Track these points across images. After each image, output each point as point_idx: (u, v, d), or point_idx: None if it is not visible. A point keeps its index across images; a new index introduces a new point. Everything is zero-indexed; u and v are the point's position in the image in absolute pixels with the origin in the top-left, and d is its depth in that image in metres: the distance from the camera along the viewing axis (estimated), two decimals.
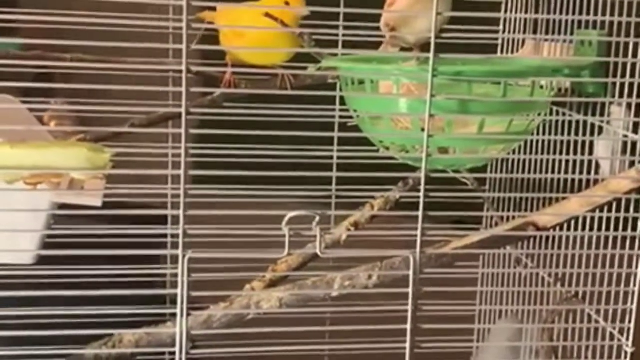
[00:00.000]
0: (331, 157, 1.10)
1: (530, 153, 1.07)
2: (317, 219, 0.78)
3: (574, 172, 0.93)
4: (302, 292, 0.88)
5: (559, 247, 0.98)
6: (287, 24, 0.86)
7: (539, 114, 0.88)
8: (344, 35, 1.11)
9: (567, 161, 0.95)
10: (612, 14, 0.88)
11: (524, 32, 1.13)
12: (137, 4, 0.67)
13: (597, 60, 0.89)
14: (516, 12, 1.15)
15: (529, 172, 1.11)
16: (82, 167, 0.72)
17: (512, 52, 1.17)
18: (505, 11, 1.18)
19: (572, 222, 0.88)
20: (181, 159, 0.71)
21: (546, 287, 1.06)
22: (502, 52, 1.18)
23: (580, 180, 0.92)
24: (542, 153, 1.05)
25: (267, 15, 0.85)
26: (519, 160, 1.15)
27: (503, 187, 1.22)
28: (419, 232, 0.79)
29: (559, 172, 0.99)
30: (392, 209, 1.01)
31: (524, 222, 0.86)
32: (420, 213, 0.79)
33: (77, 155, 0.72)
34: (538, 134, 1.05)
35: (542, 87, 0.89)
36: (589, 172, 0.93)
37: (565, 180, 0.97)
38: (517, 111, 0.84)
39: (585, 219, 0.89)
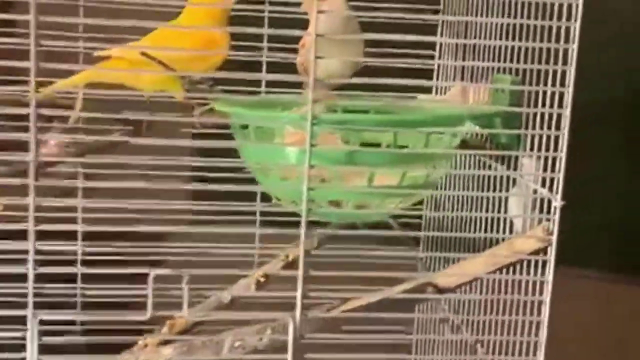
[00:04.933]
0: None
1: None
2: (186, 278, 0.71)
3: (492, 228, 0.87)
4: (191, 358, 0.82)
5: None
6: (167, 64, 0.80)
7: (440, 165, 0.82)
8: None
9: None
10: (525, 61, 0.82)
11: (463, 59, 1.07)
12: None
13: (504, 109, 0.83)
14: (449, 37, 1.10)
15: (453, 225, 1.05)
16: None
17: (447, 79, 1.12)
18: (441, 35, 1.12)
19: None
20: None
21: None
22: (437, 78, 1.13)
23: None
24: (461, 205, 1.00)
25: (144, 54, 0.79)
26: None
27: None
28: (298, 294, 0.73)
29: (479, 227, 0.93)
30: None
31: (423, 282, 0.79)
32: (300, 273, 0.73)
33: None
34: (451, 186, 1.00)
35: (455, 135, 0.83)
36: (505, 229, 0.87)
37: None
38: (412, 162, 0.78)
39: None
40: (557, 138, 0.76)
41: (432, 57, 1.10)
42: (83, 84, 0.91)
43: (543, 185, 0.78)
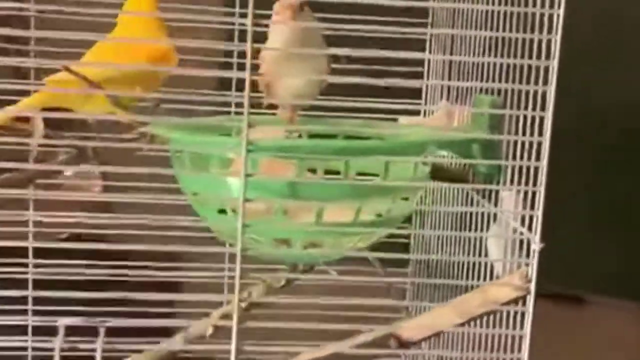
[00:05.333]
0: None
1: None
2: (102, 331, 0.62)
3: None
4: None
5: None
6: (92, 81, 0.71)
7: (408, 197, 0.71)
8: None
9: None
10: (507, 80, 0.72)
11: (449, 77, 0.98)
12: None
13: (478, 136, 0.72)
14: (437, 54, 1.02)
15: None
16: None
17: (434, 97, 1.02)
18: (430, 52, 1.03)
19: None
20: None
21: None
22: (425, 99, 1.04)
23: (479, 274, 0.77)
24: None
25: (66, 69, 0.70)
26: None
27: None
28: (232, 347, 0.63)
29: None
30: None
31: (386, 333, 0.69)
32: (234, 324, 0.63)
33: None
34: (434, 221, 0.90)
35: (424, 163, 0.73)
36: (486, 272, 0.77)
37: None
38: (369, 195, 0.67)
39: None
40: (536, 170, 0.65)
41: (420, 73, 1.01)
42: (39, 107, 0.82)
43: (523, 223, 0.68)
